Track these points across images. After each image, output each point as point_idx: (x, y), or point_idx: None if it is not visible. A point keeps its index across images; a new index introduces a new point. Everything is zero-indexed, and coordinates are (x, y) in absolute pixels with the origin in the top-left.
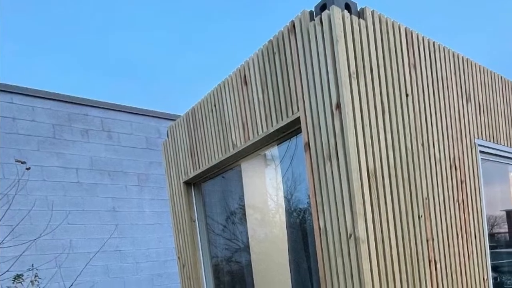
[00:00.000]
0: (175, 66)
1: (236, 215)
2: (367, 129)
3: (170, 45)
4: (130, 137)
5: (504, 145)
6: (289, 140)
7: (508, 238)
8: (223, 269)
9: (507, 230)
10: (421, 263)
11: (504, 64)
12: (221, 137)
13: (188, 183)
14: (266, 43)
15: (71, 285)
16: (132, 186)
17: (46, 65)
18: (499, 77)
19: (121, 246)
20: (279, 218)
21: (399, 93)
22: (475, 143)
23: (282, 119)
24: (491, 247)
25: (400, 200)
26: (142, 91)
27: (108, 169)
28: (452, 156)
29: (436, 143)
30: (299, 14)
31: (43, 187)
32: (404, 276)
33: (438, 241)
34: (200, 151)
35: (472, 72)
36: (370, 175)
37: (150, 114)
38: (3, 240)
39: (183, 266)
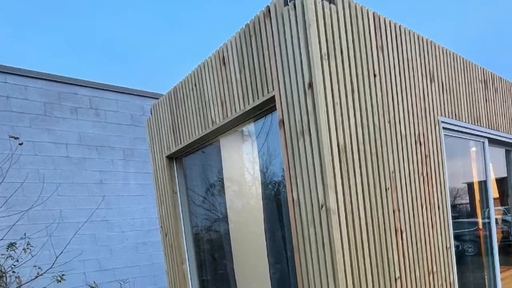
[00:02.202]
0: (158, 48)
1: (215, 187)
2: (337, 107)
3: (153, 28)
4: (116, 114)
5: (465, 122)
6: (264, 117)
7: (469, 209)
8: (203, 238)
9: (468, 201)
10: (388, 233)
11: (468, 50)
12: (201, 114)
13: (170, 158)
14: (243, 26)
15: (61, 252)
16: (118, 160)
17: (37, 47)
18: (461, 59)
19: (108, 216)
20: (255, 190)
21: (367, 73)
22: (438, 120)
23: (258, 98)
24: (453, 217)
25: (368, 174)
26: (127, 71)
27: (96, 144)
28: (417, 133)
29: (402, 120)
30: (274, 0)
31: (35, 161)
32: (372, 244)
33: (404, 212)
34: (182, 128)
35: (435, 54)
36: (340, 150)
37: (135, 93)
38: None
39: (166, 235)
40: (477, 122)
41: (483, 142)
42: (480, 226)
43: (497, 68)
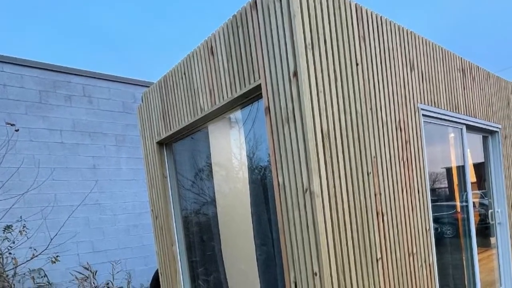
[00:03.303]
0: (149, 38)
1: (204, 172)
2: (321, 95)
3: (144, 19)
4: (108, 102)
5: (444, 109)
6: (251, 104)
7: (447, 193)
8: (192, 221)
9: (446, 185)
10: (369, 215)
11: (441, 37)
12: (190, 102)
13: (160, 143)
14: (231, 17)
15: (56, 235)
16: (110, 146)
17: (33, 37)
18: (440, 48)
19: (101, 200)
20: (242, 175)
21: (350, 62)
22: (418, 107)
23: (245, 86)
24: (432, 201)
25: (351, 159)
26: (119, 60)
27: (89, 130)
28: (397, 119)
29: (383, 107)
30: None
31: (30, 147)
32: (354, 226)
33: (385, 195)
34: (171, 115)
35: (415, 43)
36: (324, 136)
37: (127, 81)
38: None
39: (156, 217)
40: (455, 109)
41: (461, 129)
42: (458, 209)
43: (471, 57)
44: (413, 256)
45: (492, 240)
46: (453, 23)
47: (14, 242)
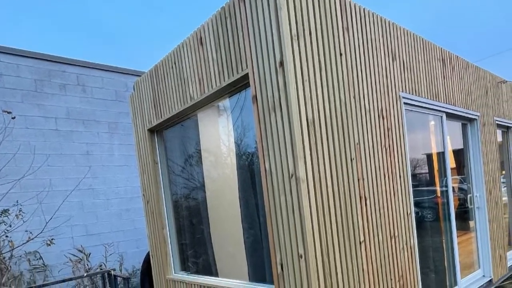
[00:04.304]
0: (141, 29)
1: (193, 158)
2: (306, 84)
3: (136, 10)
4: (101, 90)
5: (424, 97)
6: (239, 93)
7: (428, 178)
8: (182, 205)
9: (427, 171)
10: (353, 200)
11: (423, 28)
12: (180, 90)
13: (151, 130)
14: (219, 9)
15: (51, 218)
16: (103, 133)
17: (29, 28)
18: (421, 39)
19: (94, 185)
20: (231, 161)
21: (334, 52)
22: (399, 95)
23: (233, 75)
24: (413, 186)
25: (335, 145)
26: (112, 50)
27: (83, 118)
28: (380, 107)
29: (366, 96)
30: None
31: (26, 134)
32: (338, 210)
33: (368, 180)
34: (162, 103)
35: (397, 34)
36: (309, 123)
37: (119, 71)
38: None
39: (147, 202)
40: (436, 97)
41: (441, 116)
42: (438, 194)
43: (452, 47)
44: (394, 238)
45: (471, 223)
46: (435, 14)
47: (10, 226)
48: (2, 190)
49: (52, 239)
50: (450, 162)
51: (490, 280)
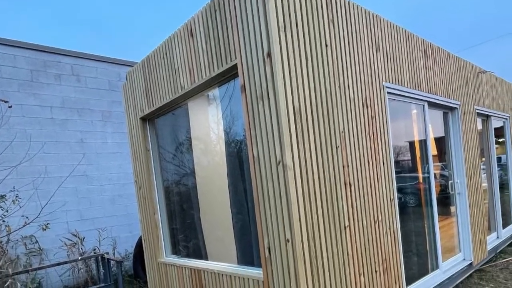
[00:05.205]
0: (133, 21)
1: (184, 146)
2: (293, 74)
3: (130, 2)
4: (95, 80)
5: (407, 87)
6: (228, 83)
7: (410, 165)
8: (173, 191)
9: (409, 158)
10: (338, 186)
11: (405, 18)
12: (171, 80)
13: (143, 119)
14: (209, 1)
15: (46, 204)
16: (97, 121)
17: (26, 20)
18: (403, 30)
19: (88, 171)
20: (220, 148)
21: (320, 44)
22: (383, 85)
23: (222, 65)
24: (396, 172)
25: (320, 133)
26: (105, 41)
27: (77, 107)
28: (364, 97)
29: (351, 85)
30: None
31: (22, 122)
32: (324, 196)
33: (352, 167)
34: (154, 92)
35: (381, 26)
36: (296, 112)
37: (112, 61)
38: None
39: (140, 188)
40: (418, 87)
41: (423, 105)
42: (421, 180)
43: (433, 38)
44: (378, 223)
45: (452, 209)
46: (418, 5)
47: (7, 211)
48: None
49: (47, 224)
50: (432, 150)
51: (471, 264)
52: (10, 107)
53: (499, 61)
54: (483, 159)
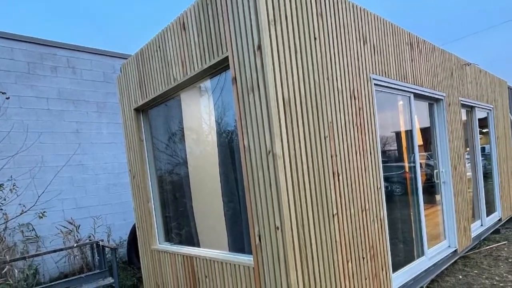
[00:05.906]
0: (128, 15)
1: (177, 136)
2: (282, 66)
3: None
4: (90, 72)
5: (393, 79)
6: (219, 74)
7: (397, 154)
8: (166, 180)
9: (396, 148)
10: (326, 175)
11: (393, 11)
12: (164, 72)
13: (137, 110)
14: None
15: (43, 192)
16: (92, 112)
17: (23, 14)
18: (390, 24)
19: (83, 161)
20: (211, 138)
21: (308, 36)
22: (370, 77)
23: (214, 58)
24: (383, 162)
25: (309, 124)
26: (100, 34)
27: (73, 98)
28: (351, 88)
29: (339, 77)
30: None
31: (20, 113)
32: (313, 185)
33: (340, 157)
34: (147, 84)
35: (368, 19)
36: (285, 103)
37: (107, 54)
38: None
39: (134, 177)
40: (404, 79)
41: (409, 97)
42: (407, 170)
43: (419, 31)
44: (365, 211)
45: (437, 197)
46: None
47: (5, 199)
48: None
49: (44, 212)
50: (418, 140)
51: (455, 250)
52: (7, 98)
53: (483, 54)
54: (468, 149)
